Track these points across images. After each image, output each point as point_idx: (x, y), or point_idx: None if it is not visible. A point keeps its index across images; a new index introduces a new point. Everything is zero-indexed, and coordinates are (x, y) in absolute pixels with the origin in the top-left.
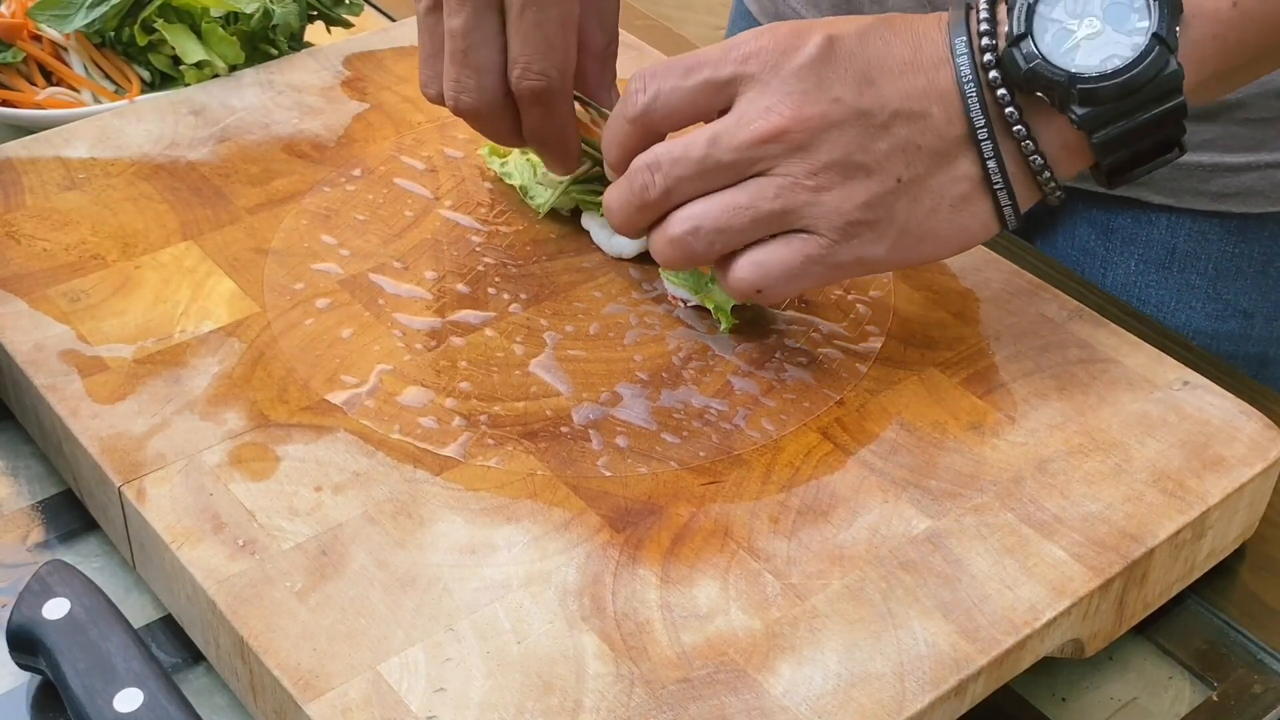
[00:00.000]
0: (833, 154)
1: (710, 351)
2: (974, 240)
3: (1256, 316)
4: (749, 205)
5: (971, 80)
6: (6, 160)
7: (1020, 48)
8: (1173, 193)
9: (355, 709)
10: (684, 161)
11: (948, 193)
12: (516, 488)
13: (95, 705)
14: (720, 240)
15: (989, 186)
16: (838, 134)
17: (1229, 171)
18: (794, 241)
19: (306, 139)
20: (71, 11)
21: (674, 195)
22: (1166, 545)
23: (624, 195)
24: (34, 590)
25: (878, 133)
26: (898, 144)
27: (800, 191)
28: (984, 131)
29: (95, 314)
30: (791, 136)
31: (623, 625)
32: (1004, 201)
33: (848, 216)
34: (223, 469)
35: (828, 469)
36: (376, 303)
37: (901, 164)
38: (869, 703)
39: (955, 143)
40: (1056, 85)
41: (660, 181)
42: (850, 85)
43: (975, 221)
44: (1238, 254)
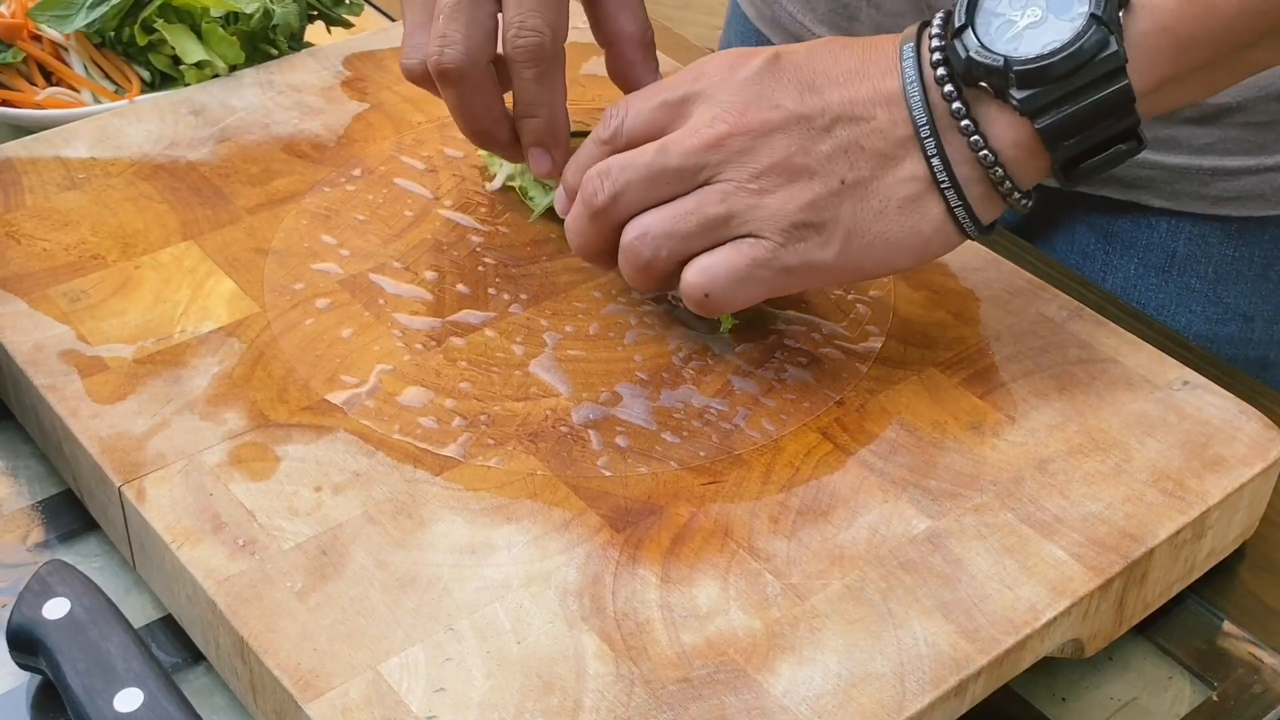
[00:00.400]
0: (774, 156)
1: (710, 351)
2: (930, 246)
3: (1256, 320)
4: (695, 210)
5: (915, 80)
6: (6, 160)
7: (961, 39)
8: (1172, 196)
9: (355, 709)
10: (632, 167)
11: (895, 194)
12: (516, 488)
13: (95, 705)
14: (668, 245)
15: (937, 186)
16: (780, 137)
17: (1229, 175)
18: (741, 245)
19: (306, 139)
20: (72, 12)
21: (622, 201)
22: (1166, 545)
23: (577, 208)
24: (34, 590)
25: (819, 135)
26: (840, 145)
27: (744, 195)
28: (926, 128)
29: (95, 314)
30: (734, 141)
31: (623, 625)
32: (954, 201)
33: (791, 218)
34: (223, 469)
35: (828, 469)
36: (376, 303)
37: (845, 165)
38: (869, 703)
39: (900, 143)
40: (995, 71)
41: (609, 187)
42: (792, 93)
43: (926, 224)
44: (1238, 257)
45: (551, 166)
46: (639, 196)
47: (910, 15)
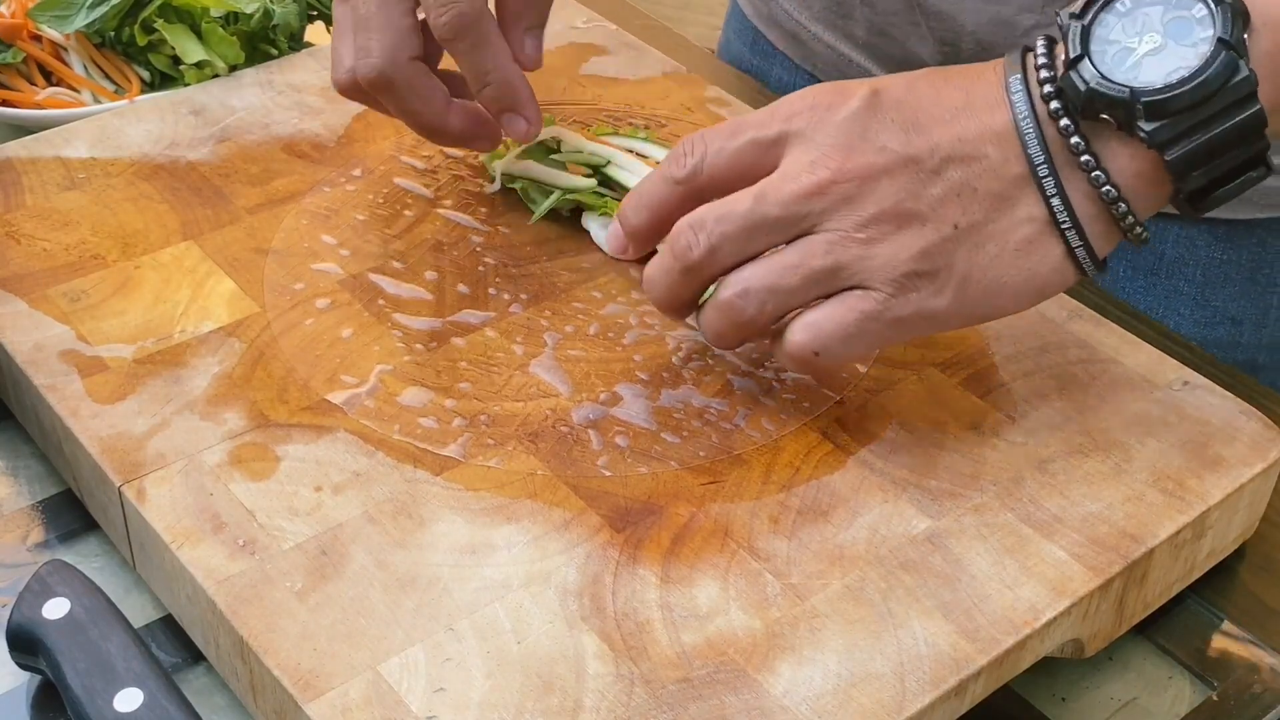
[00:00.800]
0: (882, 203)
1: (710, 351)
2: (1048, 288)
3: (1245, 323)
4: (799, 264)
5: (1028, 116)
6: (6, 160)
7: (1079, 69)
8: None
9: (355, 709)
10: (729, 218)
11: (1011, 237)
12: (516, 488)
13: (95, 705)
14: (771, 301)
15: (1056, 227)
16: (887, 182)
17: None
18: (848, 299)
19: (306, 139)
20: (72, 12)
21: (719, 255)
22: (1166, 545)
23: (665, 261)
24: (34, 590)
25: (929, 178)
26: (951, 188)
27: (851, 245)
28: (1044, 168)
29: (95, 314)
30: (838, 188)
31: (623, 625)
32: (1074, 242)
33: (903, 268)
34: (223, 469)
35: (828, 469)
36: (376, 303)
37: (957, 209)
38: (869, 703)
39: (1015, 183)
40: (1120, 103)
41: (704, 240)
42: (897, 133)
43: (1044, 266)
44: (1225, 260)
45: (526, 127)
46: (736, 250)
47: (903, 14)
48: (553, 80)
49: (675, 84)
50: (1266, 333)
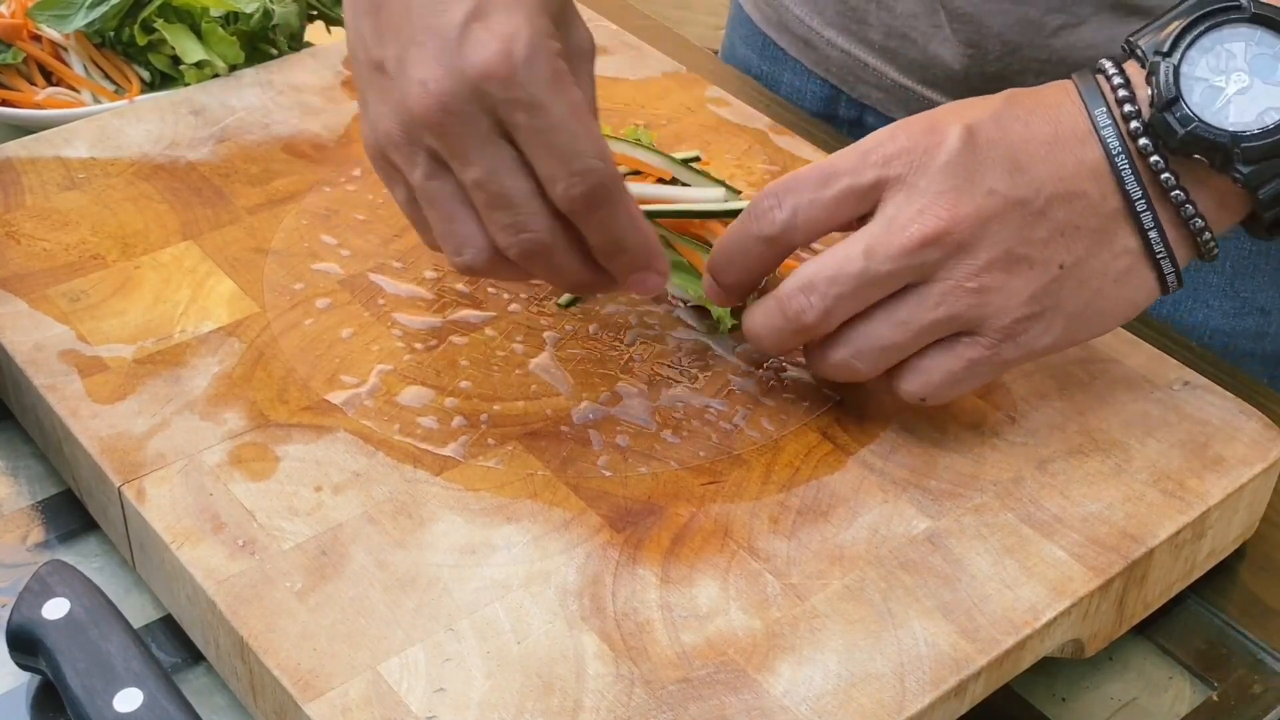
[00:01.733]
0: (994, 250)
1: (710, 351)
2: (1138, 310)
3: (1273, 314)
4: (910, 320)
5: (1121, 152)
6: (6, 160)
7: (1173, 111)
8: None
9: (355, 709)
10: (840, 279)
11: (1110, 270)
12: (516, 488)
13: (95, 705)
14: (884, 359)
15: (1151, 256)
16: (998, 228)
17: None
18: (957, 347)
19: (306, 139)
20: (71, 11)
21: (833, 316)
22: (1166, 545)
23: (776, 321)
24: (34, 590)
25: (1036, 220)
26: (1057, 228)
27: (963, 295)
28: (1143, 203)
29: (95, 314)
30: (951, 238)
31: (623, 625)
32: (1168, 269)
33: (1014, 314)
34: (223, 469)
35: (828, 469)
36: (376, 303)
37: (1063, 249)
38: (869, 703)
39: (1112, 217)
40: (1219, 147)
41: (818, 303)
42: (1002, 174)
43: (1140, 294)
44: (1255, 251)
45: (658, 281)
46: (850, 309)
47: (923, 18)
48: None
49: (675, 84)
50: None
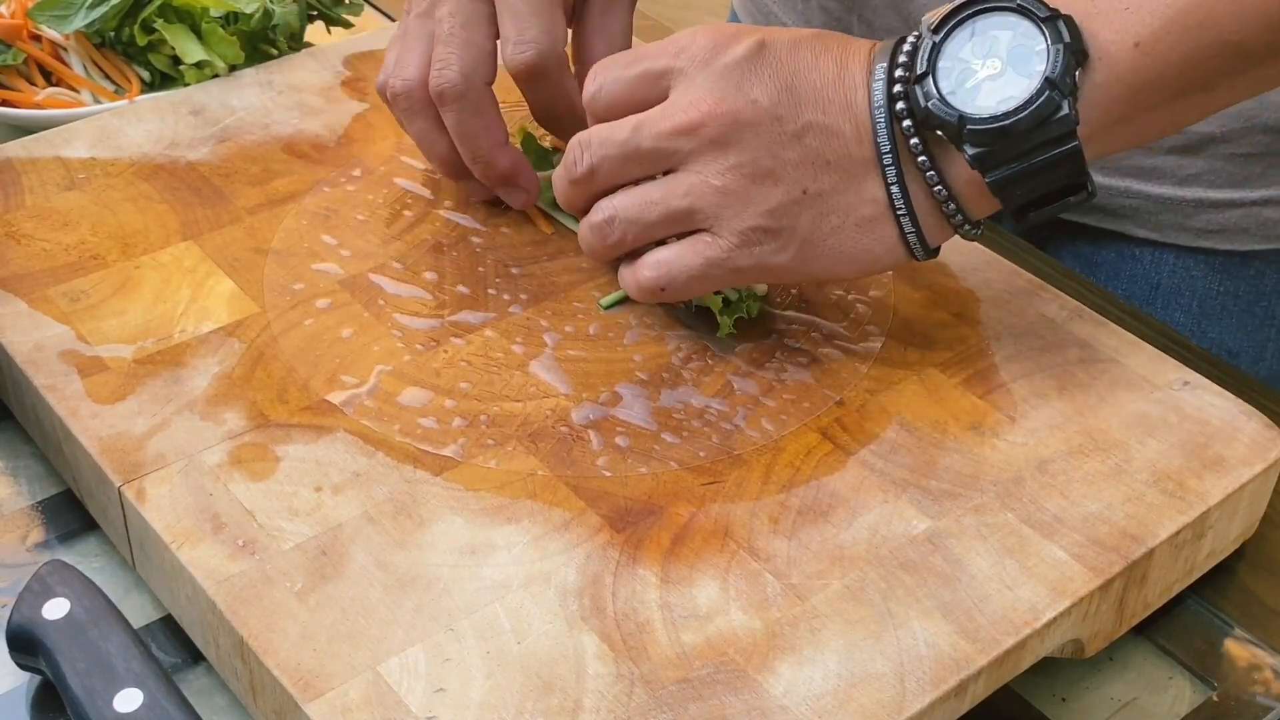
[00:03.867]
0: (741, 155)
1: (710, 351)
2: (879, 264)
3: (1241, 356)
4: (660, 200)
5: (882, 107)
6: (6, 160)
7: (922, 86)
8: (1156, 227)
9: (355, 709)
10: (609, 143)
11: (853, 213)
12: (516, 488)
13: (95, 705)
14: (632, 231)
15: (893, 212)
16: (750, 135)
17: (1214, 208)
18: (697, 244)
19: (306, 139)
20: (71, 12)
21: (598, 174)
22: (1166, 545)
23: (560, 170)
24: (34, 590)
25: (789, 141)
26: (807, 155)
27: (708, 192)
28: (889, 157)
29: (95, 314)
30: (705, 131)
31: (623, 625)
32: (907, 228)
33: (750, 222)
34: (223, 469)
35: (828, 469)
36: (376, 303)
37: (809, 176)
38: (869, 703)
39: (862, 164)
40: (948, 125)
41: (587, 159)
42: (770, 89)
43: (879, 245)
44: (1223, 292)
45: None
46: (613, 171)
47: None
48: None
49: None
50: (1264, 366)
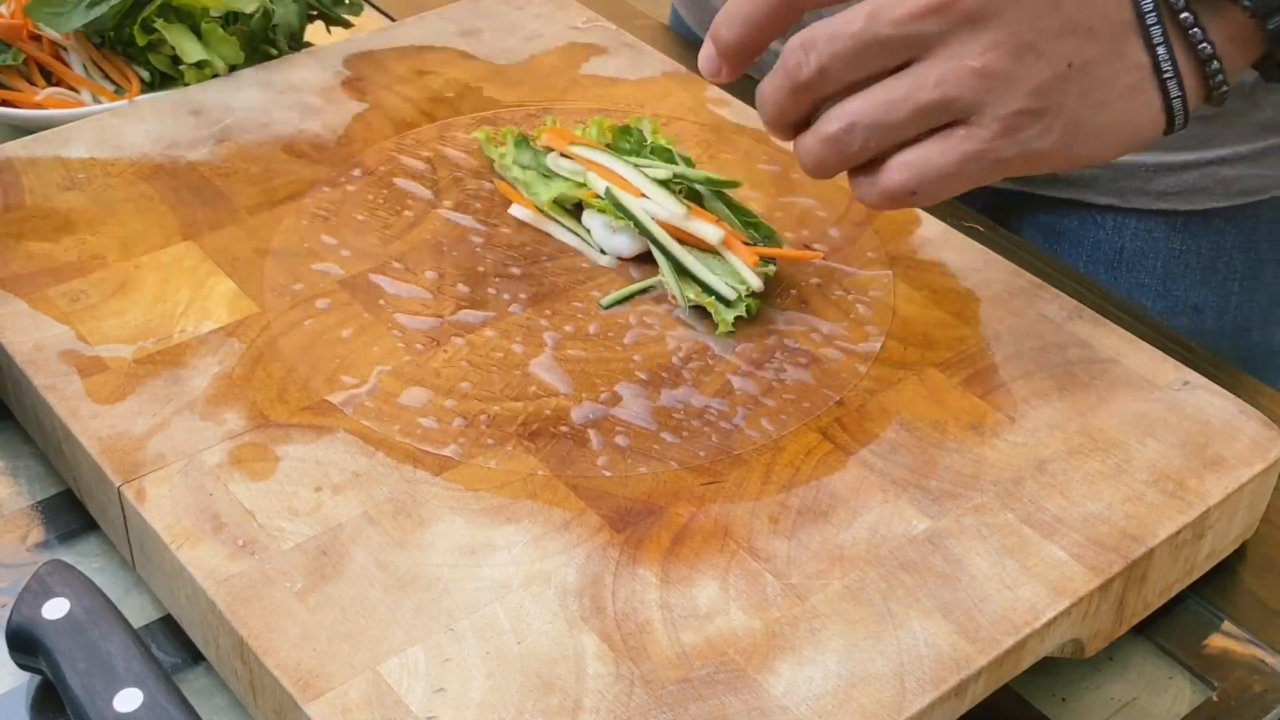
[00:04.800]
0: (1002, 31)
1: (710, 351)
2: (1140, 137)
3: (1206, 311)
4: (907, 96)
5: None
6: (6, 160)
7: None
8: (1117, 193)
9: (355, 709)
10: (839, 38)
11: (1118, 82)
12: (516, 488)
13: (95, 705)
14: (876, 137)
15: (1159, 76)
16: (1010, 6)
17: (1172, 170)
18: (951, 139)
19: (306, 139)
20: (68, 10)
21: (829, 74)
22: (1166, 545)
23: (776, 79)
24: (34, 590)
25: (1049, 10)
26: (1070, 24)
27: (964, 76)
28: (1153, 17)
29: (95, 314)
30: (959, 8)
31: (623, 625)
32: (1174, 93)
33: (1015, 105)
34: (223, 469)
35: (828, 469)
36: (376, 303)
37: (1073, 48)
38: (869, 703)
39: (1123, 28)
40: None
41: (814, 60)
42: None
43: (1144, 115)
44: (1185, 251)
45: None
46: (846, 70)
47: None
48: (553, 80)
49: (675, 84)
50: (1228, 319)
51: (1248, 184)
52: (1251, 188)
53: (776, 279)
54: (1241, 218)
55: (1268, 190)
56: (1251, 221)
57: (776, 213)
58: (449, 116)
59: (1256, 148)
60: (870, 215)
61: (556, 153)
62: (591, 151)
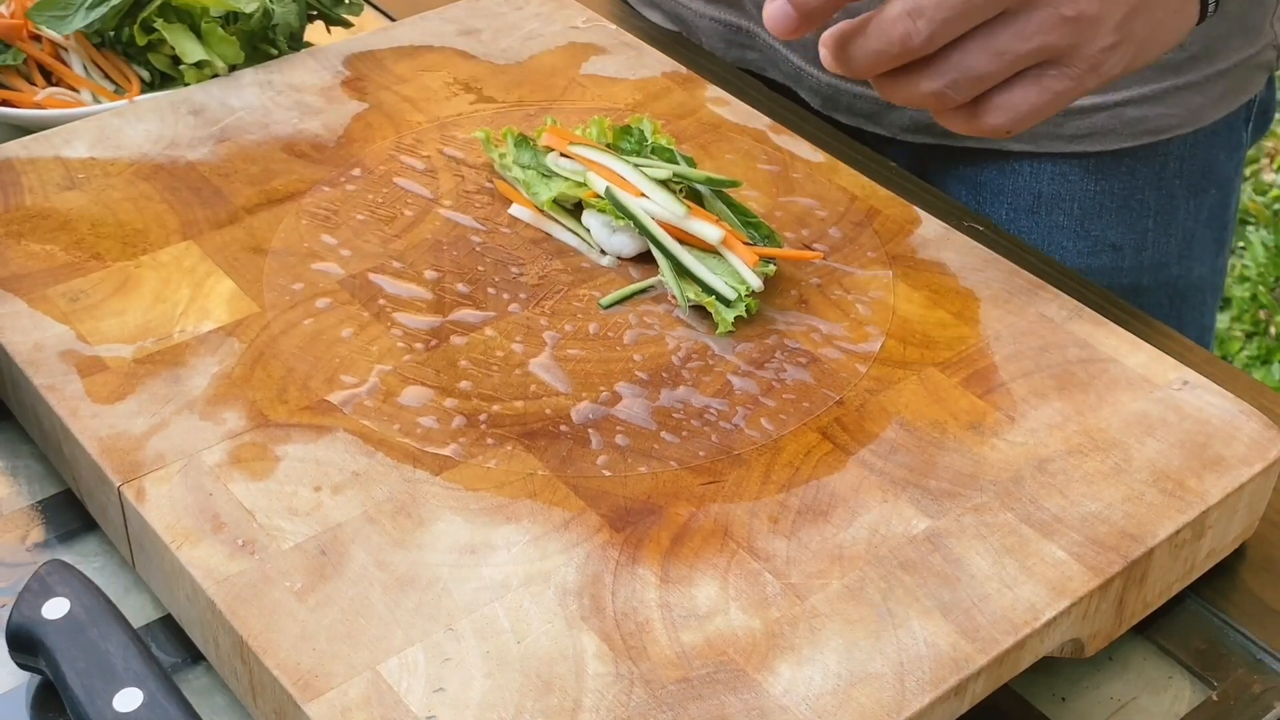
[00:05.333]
0: None
1: (710, 351)
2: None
3: (1125, 249)
4: (1007, 48)
5: None
6: (6, 160)
7: None
8: (1031, 139)
9: (355, 709)
10: (947, 5)
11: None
12: (516, 487)
13: (95, 705)
14: (978, 87)
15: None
16: None
17: (1081, 114)
18: (1044, 79)
19: (306, 139)
20: (71, 12)
21: (937, 40)
22: (1166, 545)
23: (876, 45)
24: (34, 590)
25: None
26: None
27: (1059, 25)
28: None
29: (95, 314)
30: None
31: (622, 625)
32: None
33: (1102, 43)
34: (222, 469)
35: (827, 469)
36: (376, 303)
37: None
38: (869, 703)
39: None
40: None
41: (924, 28)
42: None
43: (1187, 21)
44: (1100, 191)
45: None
46: (952, 30)
47: None
48: (553, 80)
49: (675, 84)
50: (1146, 256)
51: (1154, 124)
52: (1158, 127)
53: (776, 279)
54: (1151, 156)
55: (1173, 129)
56: (1161, 159)
57: (776, 213)
58: (449, 116)
59: (1160, 88)
60: (870, 215)
61: (556, 153)
62: (591, 151)
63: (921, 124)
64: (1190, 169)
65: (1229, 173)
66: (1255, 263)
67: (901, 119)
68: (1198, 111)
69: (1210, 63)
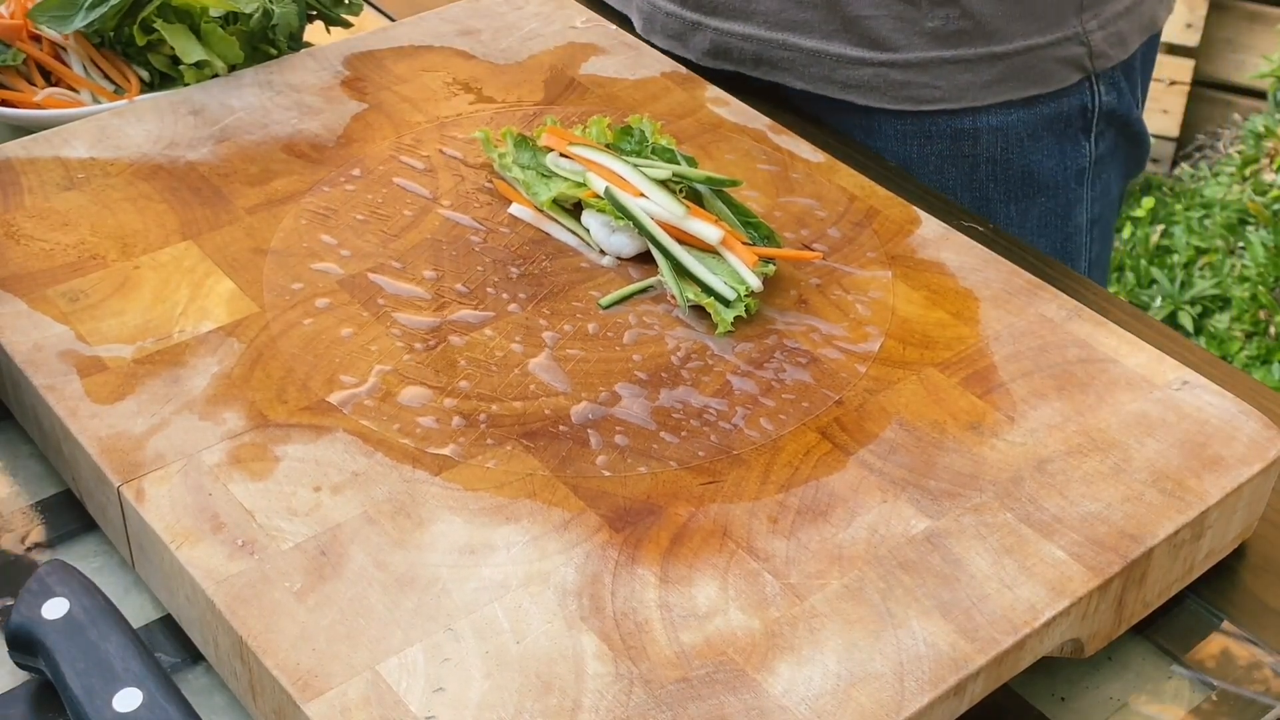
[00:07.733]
0: None
1: (709, 351)
2: None
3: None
4: None
5: None
6: (6, 160)
7: None
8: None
9: (354, 709)
10: None
11: None
12: (515, 488)
13: (95, 705)
14: None
15: None
16: None
17: (850, 64)
18: None
19: (306, 139)
20: (71, 12)
21: None
22: (1165, 545)
23: None
24: (33, 590)
25: None
26: None
27: None
28: None
29: (94, 314)
30: None
31: (622, 625)
32: None
33: None
34: (222, 469)
35: (827, 469)
36: (376, 303)
37: None
38: (868, 702)
39: None
40: None
41: None
42: None
43: None
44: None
45: None
46: None
47: None
48: (553, 80)
49: (675, 84)
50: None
51: (917, 93)
52: (921, 97)
53: (776, 279)
54: (919, 124)
55: (936, 101)
56: (928, 130)
57: (776, 213)
58: (448, 116)
59: (924, 57)
60: (870, 215)
61: (556, 153)
62: (591, 151)
63: (720, 49)
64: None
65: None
66: (1255, 263)
67: (703, 43)
68: (965, 90)
69: (984, 42)
